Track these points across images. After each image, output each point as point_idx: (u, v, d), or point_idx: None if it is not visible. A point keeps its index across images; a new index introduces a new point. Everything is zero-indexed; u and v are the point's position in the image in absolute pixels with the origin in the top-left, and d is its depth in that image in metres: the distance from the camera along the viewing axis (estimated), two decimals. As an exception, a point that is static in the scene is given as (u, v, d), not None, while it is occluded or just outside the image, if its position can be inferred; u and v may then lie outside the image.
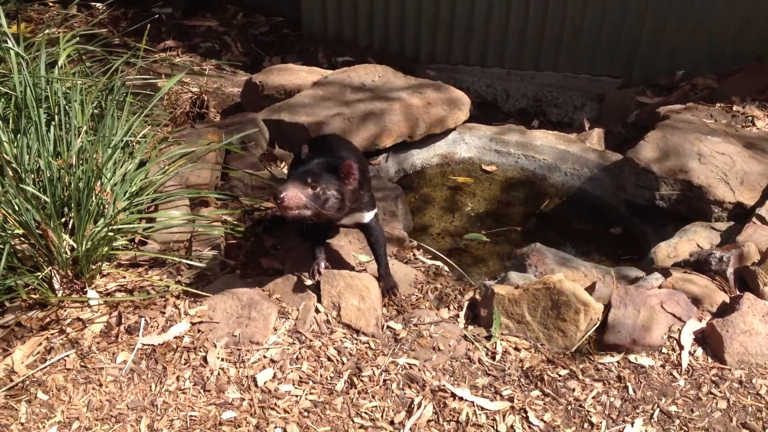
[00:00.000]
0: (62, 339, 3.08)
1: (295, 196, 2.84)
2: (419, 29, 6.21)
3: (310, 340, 3.13)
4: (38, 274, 3.15)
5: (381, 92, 5.01)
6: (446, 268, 3.65)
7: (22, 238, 3.15)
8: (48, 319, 3.16)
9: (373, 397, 2.92)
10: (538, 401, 2.87)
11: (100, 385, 2.94)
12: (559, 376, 2.96)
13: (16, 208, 3.09)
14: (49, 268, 3.20)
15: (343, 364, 3.05)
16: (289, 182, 2.90)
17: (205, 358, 3.03)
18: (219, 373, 2.99)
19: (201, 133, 4.48)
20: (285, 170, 4.50)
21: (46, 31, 4.64)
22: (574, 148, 4.86)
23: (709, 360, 3.05)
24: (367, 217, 3.28)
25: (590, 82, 5.81)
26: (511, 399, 2.87)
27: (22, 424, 2.83)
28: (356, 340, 3.15)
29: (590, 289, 3.22)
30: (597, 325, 3.09)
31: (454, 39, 6.11)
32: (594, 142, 5.08)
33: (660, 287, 3.26)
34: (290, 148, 4.71)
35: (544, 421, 2.79)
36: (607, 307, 3.11)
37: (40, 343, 3.08)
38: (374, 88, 5.07)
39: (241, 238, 3.79)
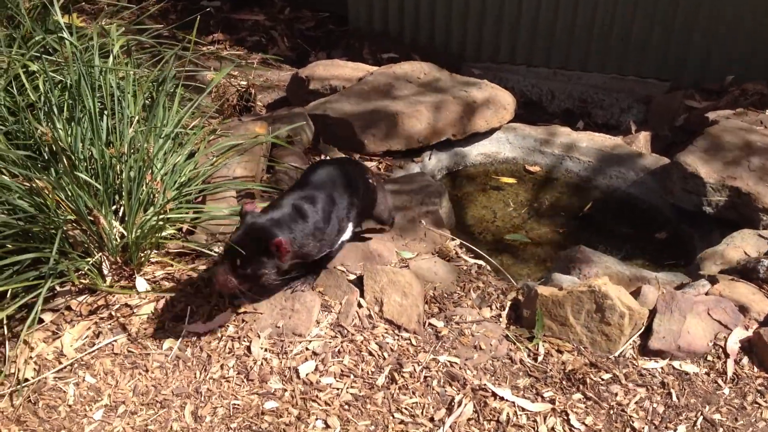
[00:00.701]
0: (110, 324, 3.15)
1: (227, 281, 2.83)
2: (465, 27, 6.19)
3: (352, 335, 3.16)
4: (89, 259, 3.22)
5: (426, 89, 5.01)
6: (488, 267, 3.65)
7: (74, 224, 3.21)
8: (97, 305, 3.23)
9: (413, 393, 2.93)
10: (579, 404, 2.86)
11: (146, 371, 3.00)
12: (602, 379, 2.95)
13: (69, 195, 3.15)
14: (100, 254, 3.26)
15: (384, 359, 3.07)
16: (220, 264, 2.87)
17: (248, 348, 3.07)
18: (262, 363, 3.03)
19: (248, 125, 4.53)
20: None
21: (99, 23, 4.71)
22: (620, 150, 4.82)
23: (755, 369, 3.01)
24: (320, 256, 3.18)
25: (638, 84, 5.74)
26: (552, 401, 2.87)
27: (69, 406, 2.90)
28: (398, 336, 3.17)
29: (635, 293, 3.19)
30: (641, 330, 3.07)
31: (501, 37, 6.09)
32: (640, 145, 5.03)
33: (707, 294, 3.23)
34: (335, 142, 4.74)
35: (586, 425, 2.78)
36: (652, 313, 3.09)
37: (89, 328, 3.14)
38: (420, 86, 5.08)
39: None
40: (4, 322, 3.03)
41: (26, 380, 2.97)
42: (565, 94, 5.84)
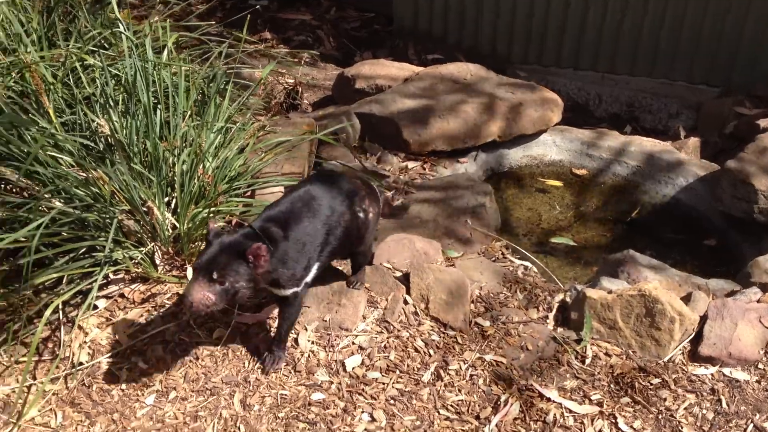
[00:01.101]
0: (162, 312, 3.20)
1: (204, 298, 2.52)
2: (512, 28, 6.18)
3: (398, 331, 3.18)
4: (142, 249, 3.28)
5: (472, 90, 5.02)
6: (534, 269, 3.65)
7: (128, 214, 3.28)
8: (149, 293, 3.29)
9: (459, 390, 2.94)
10: (628, 408, 2.85)
11: (197, 359, 3.04)
12: (651, 384, 2.93)
13: (124, 186, 3.21)
14: (152, 244, 3.32)
15: (430, 356, 3.08)
16: (193, 280, 2.55)
17: (296, 340, 3.10)
18: (309, 356, 3.06)
19: (296, 123, 4.57)
20: (375, 163, 4.56)
21: (152, 20, 4.79)
22: (669, 156, 4.78)
23: (807, 378, 2.98)
24: (286, 292, 2.86)
25: (687, 89, 5.68)
26: (600, 404, 2.86)
27: (122, 390, 2.96)
28: (444, 333, 3.18)
29: (685, 299, 3.17)
30: (692, 336, 3.05)
31: (548, 40, 6.07)
32: (689, 151, 4.99)
33: (758, 302, 3.20)
34: (380, 141, 4.77)
35: (634, 428, 2.77)
36: (703, 319, 3.07)
37: (141, 315, 3.20)
38: (466, 86, 5.08)
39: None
40: (60, 307, 3.09)
41: (81, 364, 3.03)
42: (612, 98, 5.80)
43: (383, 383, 2.97)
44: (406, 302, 3.29)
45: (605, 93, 5.84)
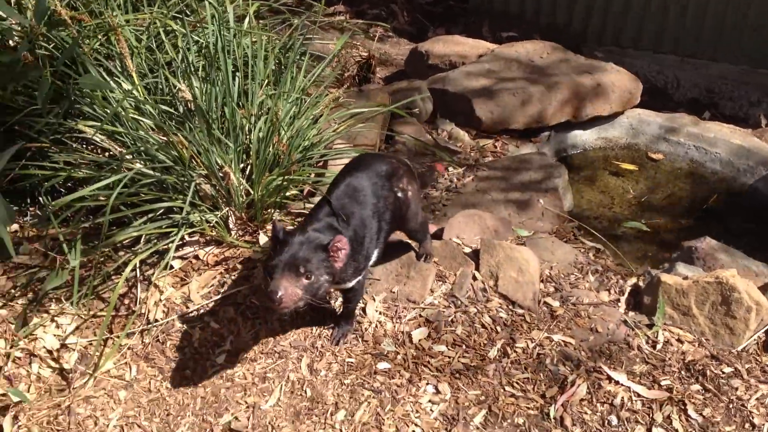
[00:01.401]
0: (234, 275, 3.27)
1: (292, 293, 2.45)
2: (590, 8, 6.06)
3: (466, 306, 3.18)
4: (217, 213, 3.35)
5: (548, 69, 4.95)
6: (607, 251, 3.60)
7: (205, 179, 3.34)
8: (222, 256, 3.35)
9: (525, 368, 2.93)
10: (697, 395, 2.80)
11: (266, 322, 3.10)
12: (723, 373, 2.87)
13: (203, 150, 3.28)
14: (227, 208, 3.39)
15: (497, 332, 3.08)
16: (280, 274, 2.46)
17: (364, 310, 3.13)
18: (376, 326, 3.09)
19: (369, 95, 4.59)
20: (447, 139, 4.55)
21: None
22: (749, 143, 4.64)
23: None
24: (350, 284, 2.86)
25: (769, 78, 5.51)
26: (669, 389, 2.81)
27: (194, 348, 3.04)
28: (512, 311, 3.17)
29: (763, 288, 3.09)
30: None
31: (627, 21, 5.93)
32: (770, 140, 4.84)
33: (837, 294, 3.10)
34: (452, 117, 4.75)
35: (703, 416, 2.72)
36: (781, 309, 2.99)
37: (214, 277, 3.27)
38: (541, 65, 5.02)
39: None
40: (137, 265, 3.18)
41: (156, 321, 3.12)
42: (691, 83, 5.65)
43: (449, 357, 2.98)
44: (474, 278, 3.29)
45: (684, 77, 5.69)
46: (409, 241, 3.34)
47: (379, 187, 2.90)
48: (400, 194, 2.98)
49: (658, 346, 2.99)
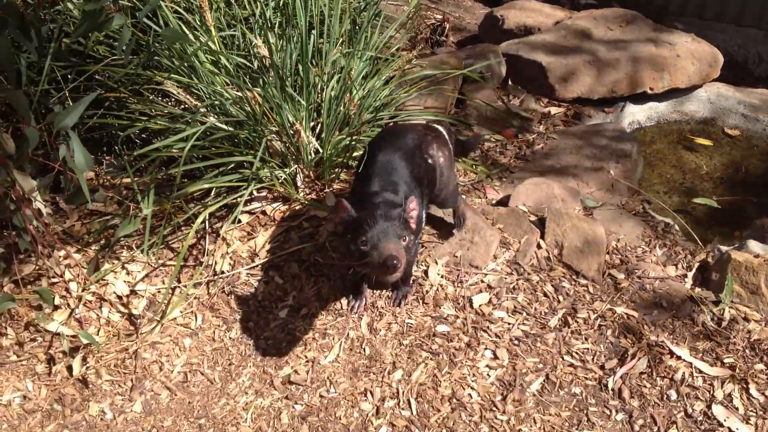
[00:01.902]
0: (300, 233, 3.32)
1: (402, 256, 2.44)
2: (674, -22, 5.88)
3: (528, 274, 3.17)
4: (285, 170, 3.39)
5: (626, 38, 4.83)
6: (676, 226, 3.53)
7: (275, 135, 3.39)
8: (289, 213, 3.40)
9: (585, 339, 2.92)
10: (761, 375, 2.74)
11: (329, 280, 3.15)
12: (789, 354, 2.81)
13: (275, 106, 3.31)
14: (295, 166, 3.43)
15: (558, 302, 3.06)
16: (385, 242, 2.46)
17: (426, 272, 3.15)
18: (437, 289, 3.10)
19: (442, 59, 4.55)
20: (518, 105, 4.49)
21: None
22: (833, 122, 4.47)
23: None
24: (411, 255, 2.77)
25: None
26: (732, 368, 2.77)
27: (258, 301, 3.11)
28: (575, 281, 3.15)
29: (837, 271, 3.00)
30: (840, 309, 2.89)
31: (711, -8, 5.73)
32: None
33: None
34: (525, 84, 4.69)
35: (765, 396, 2.67)
36: None
37: (281, 233, 3.33)
38: (619, 34, 4.90)
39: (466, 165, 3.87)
40: (207, 218, 3.26)
41: (222, 273, 3.20)
42: (775, 58, 5.45)
43: (509, 323, 2.98)
44: (539, 246, 3.27)
45: (766, 52, 5.48)
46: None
47: (410, 155, 2.94)
48: (430, 161, 3.02)
49: (724, 324, 2.94)
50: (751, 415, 2.62)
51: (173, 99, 3.54)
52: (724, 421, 2.60)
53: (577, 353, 2.87)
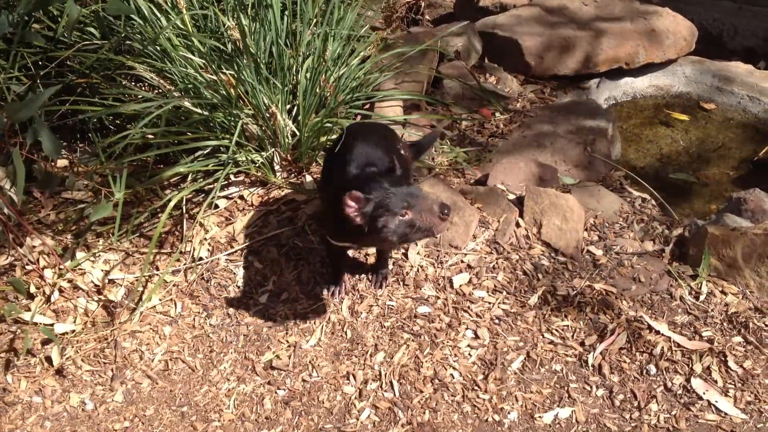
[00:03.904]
0: (278, 216, 3.30)
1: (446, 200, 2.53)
2: (647, -48, 5.86)
3: (508, 252, 3.17)
4: (262, 153, 3.37)
5: (602, 14, 4.82)
6: (653, 201, 3.55)
7: (251, 119, 3.35)
8: (267, 197, 3.38)
9: (565, 316, 2.94)
10: (739, 347, 2.78)
11: (309, 264, 3.14)
12: (765, 325, 2.84)
13: (250, 89, 3.28)
14: (273, 149, 3.40)
15: (538, 280, 3.07)
16: (418, 199, 2.46)
17: (405, 254, 3.14)
18: (417, 270, 3.10)
19: (417, 38, 4.52)
20: (494, 83, 4.48)
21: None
22: (806, 94, 4.50)
23: None
24: None
25: (833, 26, 5.29)
26: (710, 341, 2.79)
27: (238, 287, 3.10)
28: (554, 259, 3.16)
29: (812, 243, 3.02)
30: (816, 281, 2.92)
31: (685, -34, 5.73)
32: (829, 91, 4.67)
33: None
34: (501, 62, 4.67)
35: (743, 368, 2.70)
36: (830, 265, 2.93)
37: (259, 218, 3.31)
38: (594, 9, 4.89)
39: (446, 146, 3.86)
40: (183, 203, 3.23)
41: (200, 259, 3.18)
42: (749, 31, 5.45)
43: (489, 303, 2.99)
44: (518, 225, 3.28)
45: (741, 25, 5.49)
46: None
47: (387, 146, 2.91)
48: (402, 152, 3.01)
49: (701, 298, 2.96)
50: (730, 388, 2.65)
51: (147, 84, 3.49)
52: (704, 394, 2.63)
53: (557, 330, 2.89)
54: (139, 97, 3.39)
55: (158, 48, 3.33)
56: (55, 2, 2.62)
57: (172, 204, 3.09)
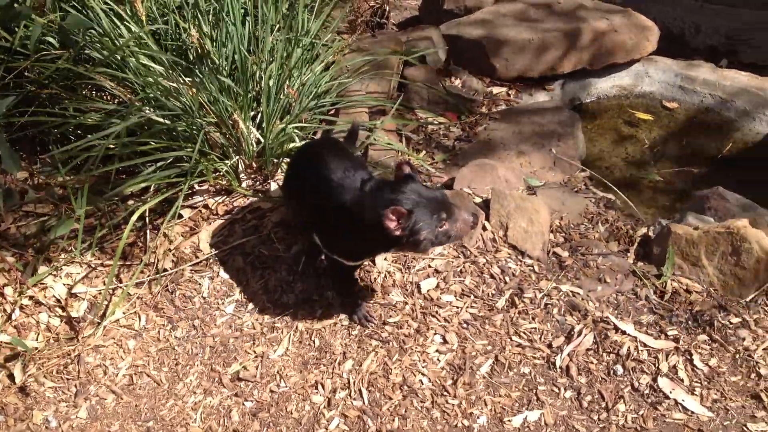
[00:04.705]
0: (244, 225, 3.27)
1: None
2: (609, -48, 5.90)
3: (475, 256, 3.17)
4: (227, 161, 3.34)
5: (564, 15, 4.85)
6: (618, 201, 3.57)
7: (214, 127, 3.32)
8: (232, 205, 3.36)
9: (533, 318, 2.94)
10: (704, 345, 2.80)
11: (275, 272, 3.11)
12: (730, 323, 2.86)
13: (212, 98, 3.25)
14: (237, 157, 3.38)
15: (505, 283, 3.08)
16: (447, 207, 2.52)
17: (373, 260, 3.13)
18: (385, 276, 3.09)
19: (382, 42, 4.52)
20: (460, 87, 4.49)
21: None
22: (766, 92, 4.54)
23: None
24: None
25: (792, 23, 5.36)
26: (676, 339, 2.81)
27: (204, 298, 3.06)
28: (521, 261, 3.16)
29: (774, 239, 3.06)
30: (777, 277, 2.95)
31: (647, -34, 5.78)
32: (790, 88, 4.73)
33: None
34: (466, 65, 4.68)
35: (709, 366, 2.72)
36: (792, 261, 2.96)
37: (224, 227, 3.28)
38: (558, 10, 4.91)
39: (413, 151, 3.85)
40: (146, 214, 3.19)
41: (165, 270, 3.14)
42: (711, 29, 5.50)
43: (457, 307, 2.99)
44: (484, 228, 3.28)
45: (704, 23, 5.55)
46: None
47: (349, 153, 2.97)
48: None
49: (666, 297, 2.98)
50: (696, 386, 2.67)
51: (108, 93, 3.45)
52: (670, 393, 2.64)
53: (524, 333, 2.89)
54: (100, 107, 3.35)
55: (117, 57, 3.29)
56: (21, 19, 2.58)
57: (135, 217, 3.05)
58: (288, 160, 3.50)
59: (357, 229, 2.53)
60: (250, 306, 3.02)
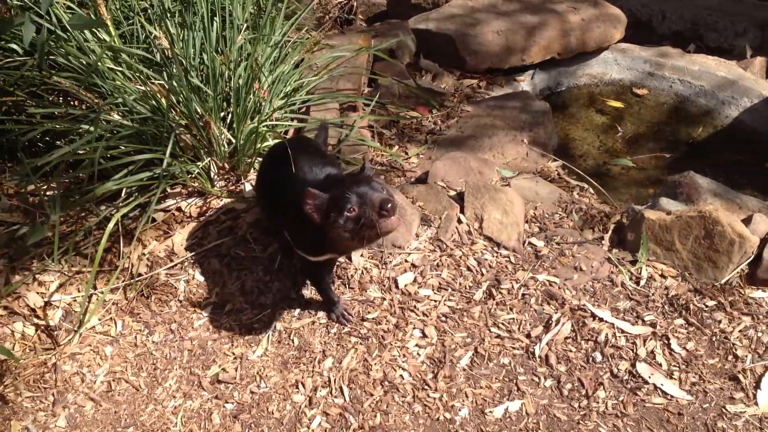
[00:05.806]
0: (218, 227, 3.25)
1: (391, 195, 2.40)
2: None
3: (451, 249, 3.17)
4: (198, 163, 3.31)
5: (532, 5, 4.87)
6: (591, 189, 3.59)
7: (185, 129, 3.29)
8: (206, 207, 3.33)
9: (510, 309, 2.95)
10: (681, 329, 2.82)
11: (251, 273, 3.10)
12: (706, 306, 2.89)
13: (182, 99, 3.22)
14: (209, 158, 3.35)
15: (482, 275, 3.08)
16: (366, 190, 2.38)
17: (349, 257, 3.12)
18: (362, 272, 3.09)
19: (351, 38, 4.51)
20: (431, 81, 4.49)
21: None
22: (734, 75, 4.60)
23: None
24: None
25: (755, 7, 5.40)
26: (653, 325, 2.84)
27: (180, 301, 3.04)
28: (497, 253, 3.17)
29: (746, 221, 3.09)
30: (750, 258, 2.98)
31: (612, -47, 5.81)
32: (755, 71, 4.79)
33: (822, 226, 3.10)
34: (436, 58, 4.68)
35: (687, 350, 2.75)
36: (763, 242, 2.99)
37: (198, 229, 3.25)
38: (528, 2, 4.93)
39: (385, 148, 3.84)
40: (120, 220, 3.16)
41: (139, 275, 3.11)
42: (677, 15, 5.55)
43: (435, 301, 2.99)
44: (459, 221, 3.28)
45: (669, 10, 5.60)
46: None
47: (321, 151, 2.99)
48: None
49: (642, 282, 3.01)
50: (675, 370, 2.69)
51: (75, 98, 3.40)
52: (649, 378, 2.67)
53: (503, 324, 2.90)
54: (68, 112, 3.31)
55: (82, 62, 3.24)
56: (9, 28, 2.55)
57: (111, 224, 3.00)
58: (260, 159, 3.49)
59: (310, 223, 2.48)
60: (228, 307, 3.00)
